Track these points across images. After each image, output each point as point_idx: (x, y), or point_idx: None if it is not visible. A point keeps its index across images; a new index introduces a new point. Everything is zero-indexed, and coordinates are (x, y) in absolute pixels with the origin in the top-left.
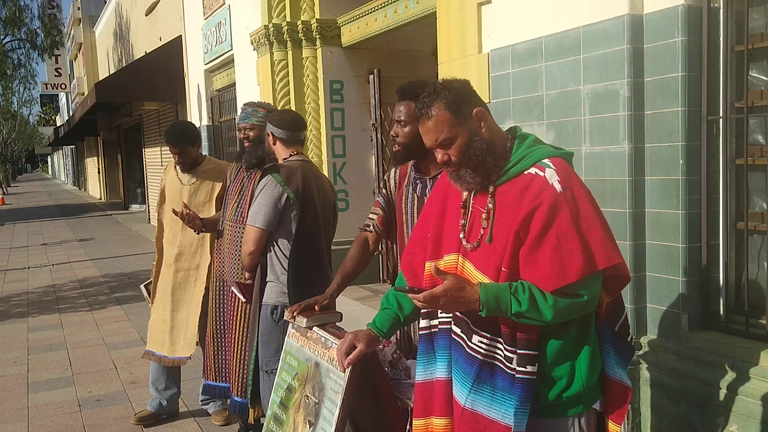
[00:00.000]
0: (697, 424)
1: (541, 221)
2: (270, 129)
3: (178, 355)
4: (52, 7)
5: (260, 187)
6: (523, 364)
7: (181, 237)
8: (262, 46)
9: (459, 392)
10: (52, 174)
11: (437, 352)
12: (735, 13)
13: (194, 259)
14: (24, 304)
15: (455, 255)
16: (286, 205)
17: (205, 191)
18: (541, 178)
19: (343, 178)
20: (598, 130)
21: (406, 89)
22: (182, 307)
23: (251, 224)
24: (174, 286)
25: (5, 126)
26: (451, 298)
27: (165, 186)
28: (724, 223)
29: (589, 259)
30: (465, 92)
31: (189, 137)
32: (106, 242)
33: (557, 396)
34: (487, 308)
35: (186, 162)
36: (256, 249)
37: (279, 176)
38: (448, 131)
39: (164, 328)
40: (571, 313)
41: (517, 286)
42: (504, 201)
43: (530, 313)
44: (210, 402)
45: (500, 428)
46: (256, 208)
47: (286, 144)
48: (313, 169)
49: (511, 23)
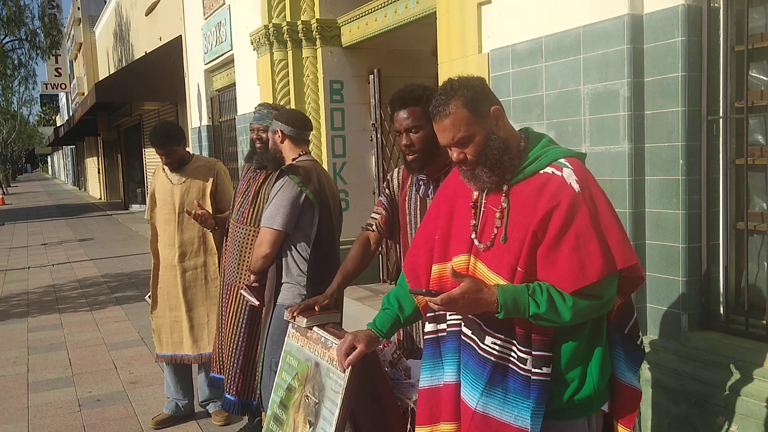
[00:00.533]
0: (697, 424)
1: (560, 221)
2: (279, 126)
3: (202, 351)
4: (52, 7)
5: (276, 189)
6: (538, 365)
7: (180, 237)
8: (262, 46)
9: (469, 395)
10: (52, 174)
11: (445, 355)
12: (735, 13)
13: (199, 257)
14: (24, 304)
15: (466, 256)
16: (305, 206)
17: (196, 189)
18: (559, 178)
19: (343, 178)
20: (598, 130)
21: (405, 97)
22: (198, 306)
23: (268, 226)
24: (184, 287)
25: (5, 126)
26: (469, 300)
27: (155, 189)
28: (724, 223)
29: (608, 259)
30: (482, 90)
31: (173, 137)
32: (106, 242)
33: (569, 398)
34: (506, 310)
35: (173, 162)
36: (271, 251)
37: (297, 177)
38: (465, 129)
39: (180, 329)
40: (589, 313)
41: (534, 287)
42: (519, 200)
43: (549, 314)
44: (210, 402)
45: (513, 431)
46: (273, 210)
47: (295, 142)
48: (322, 169)
49: (511, 23)
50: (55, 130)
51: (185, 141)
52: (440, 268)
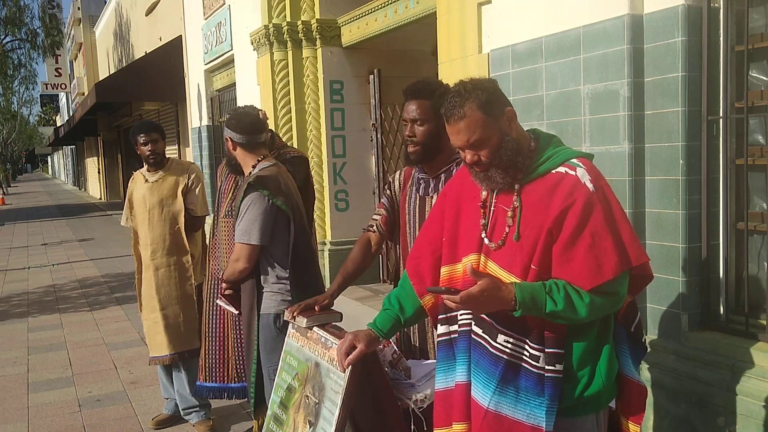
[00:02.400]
0: (697, 424)
1: (576, 219)
2: (228, 134)
3: (176, 350)
4: (52, 7)
5: (246, 204)
6: (551, 362)
7: (151, 235)
8: (262, 46)
9: (481, 394)
10: (52, 174)
11: (457, 356)
12: (735, 13)
13: (171, 255)
14: (24, 304)
15: (476, 255)
16: (278, 216)
17: (168, 185)
18: (573, 177)
19: (343, 178)
20: (598, 130)
21: (420, 88)
22: (171, 304)
23: (245, 242)
24: (157, 285)
25: (5, 126)
26: (489, 298)
27: (132, 193)
28: (724, 223)
29: (623, 257)
30: (496, 92)
31: (159, 127)
32: (106, 242)
33: (579, 395)
34: (524, 308)
35: (157, 152)
36: (249, 266)
37: (266, 190)
38: (480, 132)
39: (158, 330)
40: (604, 310)
41: (551, 285)
42: (531, 199)
43: (566, 312)
44: (192, 413)
45: (525, 429)
46: (248, 225)
47: (249, 149)
48: (286, 173)
49: (511, 23)
50: (55, 130)
51: (165, 140)
52: (450, 269)
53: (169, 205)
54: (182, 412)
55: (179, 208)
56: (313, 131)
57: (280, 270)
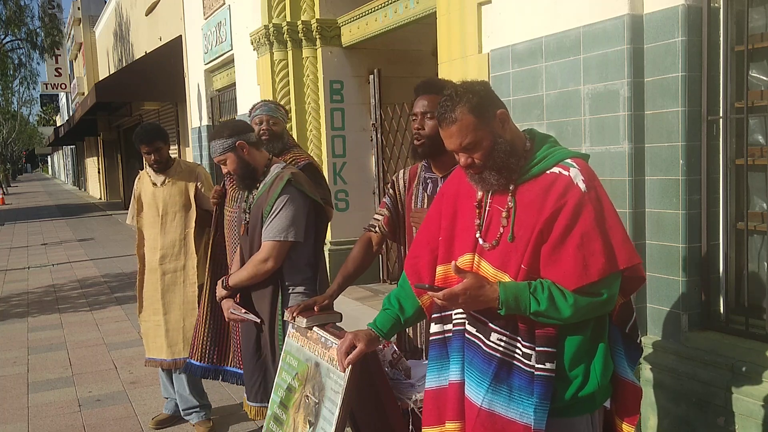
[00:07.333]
0: (697, 424)
1: (566, 220)
2: (243, 138)
3: (177, 356)
4: (52, 7)
5: (283, 200)
6: (542, 361)
7: (162, 240)
8: (262, 46)
9: (474, 393)
10: (52, 174)
11: (451, 355)
12: (735, 13)
13: (179, 260)
14: (24, 304)
15: (470, 255)
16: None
17: (178, 190)
18: (566, 177)
19: (343, 178)
20: (598, 130)
21: (430, 84)
22: (174, 310)
23: (282, 239)
24: (163, 289)
25: (5, 126)
26: (471, 296)
27: (140, 193)
28: (724, 223)
29: (610, 259)
30: (487, 95)
31: (161, 134)
32: (106, 242)
33: (573, 395)
34: (507, 307)
35: (161, 161)
36: (276, 266)
37: (302, 186)
38: (472, 135)
39: (160, 333)
40: (590, 312)
41: (536, 285)
42: (525, 200)
43: (549, 312)
44: (192, 413)
45: (518, 428)
46: (286, 222)
47: (257, 146)
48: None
49: (511, 23)
50: (55, 130)
51: (169, 143)
52: (445, 268)
53: (182, 211)
54: (182, 413)
55: (192, 213)
56: (313, 131)
57: (307, 269)
